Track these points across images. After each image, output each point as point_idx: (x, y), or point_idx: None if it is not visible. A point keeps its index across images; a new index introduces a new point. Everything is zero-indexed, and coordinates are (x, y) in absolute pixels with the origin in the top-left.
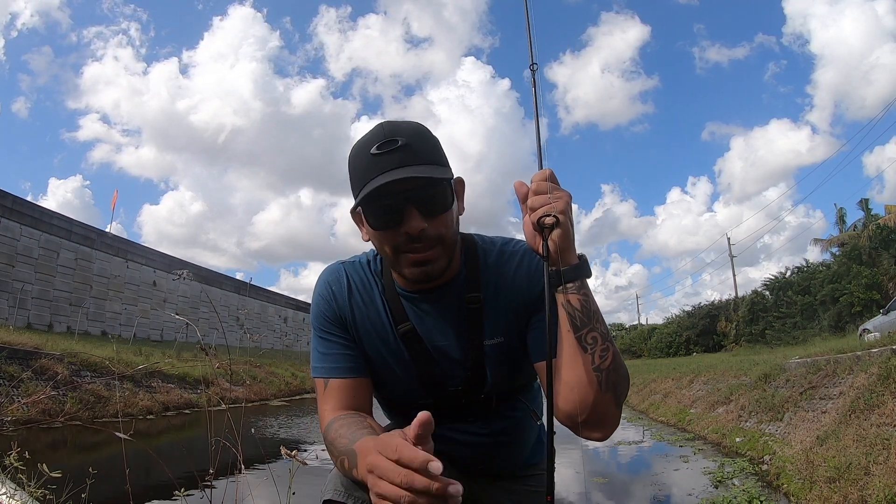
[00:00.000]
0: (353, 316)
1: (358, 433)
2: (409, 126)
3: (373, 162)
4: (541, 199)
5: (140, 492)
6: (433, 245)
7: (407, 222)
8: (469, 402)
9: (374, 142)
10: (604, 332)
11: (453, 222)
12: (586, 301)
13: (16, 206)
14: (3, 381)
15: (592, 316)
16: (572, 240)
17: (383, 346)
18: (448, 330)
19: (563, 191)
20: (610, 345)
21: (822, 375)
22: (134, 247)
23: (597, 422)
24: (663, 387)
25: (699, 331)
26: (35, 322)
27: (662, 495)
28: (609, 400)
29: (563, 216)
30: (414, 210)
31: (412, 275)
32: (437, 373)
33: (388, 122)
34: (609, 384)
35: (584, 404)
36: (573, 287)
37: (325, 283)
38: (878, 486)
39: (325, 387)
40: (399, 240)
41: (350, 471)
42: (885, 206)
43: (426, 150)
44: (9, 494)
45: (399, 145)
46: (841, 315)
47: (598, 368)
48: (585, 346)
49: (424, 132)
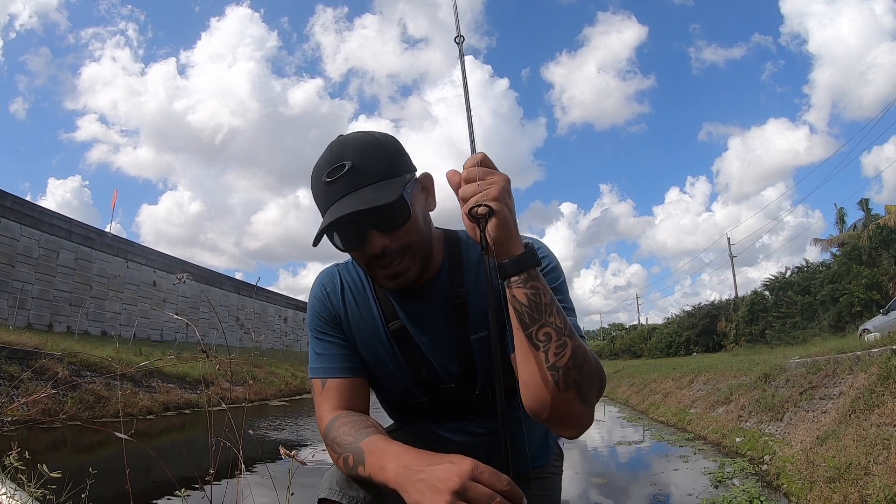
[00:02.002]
0: (346, 315)
1: (363, 432)
2: (357, 142)
3: (324, 191)
4: (472, 188)
5: (140, 492)
6: (401, 256)
7: (369, 244)
8: (465, 399)
9: (325, 168)
10: (559, 327)
11: (419, 228)
12: (535, 294)
13: (16, 206)
14: (3, 381)
15: (544, 310)
16: (513, 228)
17: (378, 344)
18: (436, 327)
19: (499, 174)
20: (568, 339)
21: (822, 375)
22: (134, 247)
23: (562, 420)
24: (663, 387)
25: (699, 331)
26: (35, 322)
27: (662, 495)
28: (571, 398)
29: (497, 203)
30: (373, 231)
31: (390, 287)
32: (428, 370)
33: (337, 142)
34: (569, 382)
35: (541, 403)
36: (518, 280)
37: (319, 284)
38: (878, 486)
39: (322, 387)
40: (368, 259)
41: (355, 468)
42: (885, 206)
43: (374, 168)
44: (9, 494)
45: (346, 170)
46: (841, 315)
47: (554, 367)
48: (537, 343)
49: (372, 145)
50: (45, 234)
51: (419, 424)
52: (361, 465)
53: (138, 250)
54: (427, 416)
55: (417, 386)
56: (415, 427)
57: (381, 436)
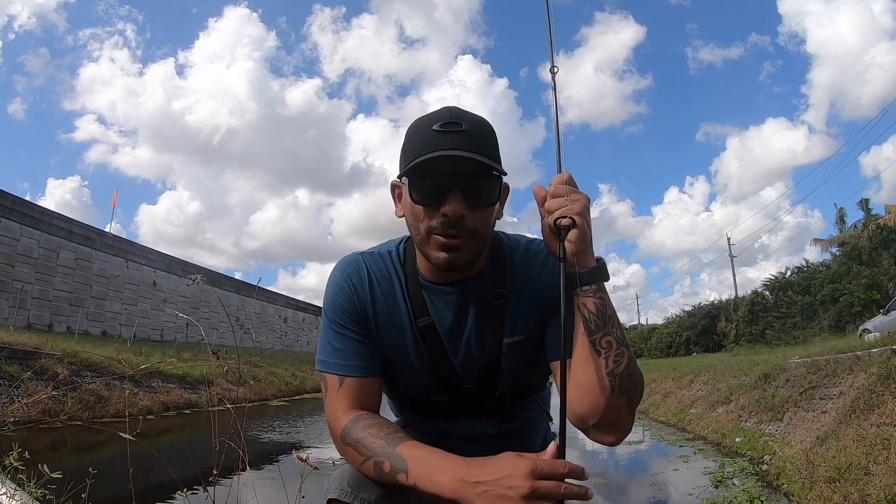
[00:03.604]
0: (373, 310)
1: (394, 437)
2: (475, 116)
3: (432, 137)
4: (558, 202)
5: (140, 492)
6: (466, 235)
7: (449, 204)
8: (483, 399)
9: (438, 120)
10: (619, 337)
11: (491, 220)
12: (602, 305)
13: (16, 206)
14: (4, 382)
15: (608, 320)
16: (589, 242)
17: (401, 340)
18: (468, 326)
19: (581, 194)
20: (625, 350)
21: (822, 375)
22: (134, 247)
23: (609, 426)
24: (663, 387)
25: (699, 331)
26: (35, 322)
27: (662, 495)
28: (621, 405)
29: (580, 218)
30: (459, 194)
31: (438, 259)
32: (451, 370)
33: (456, 107)
34: (622, 389)
35: (595, 408)
36: (589, 290)
37: (343, 274)
38: (878, 486)
39: (339, 384)
40: (435, 221)
41: (393, 475)
42: (886, 206)
43: (486, 143)
44: (9, 495)
45: (462, 129)
46: (841, 315)
47: (612, 373)
48: (599, 349)
49: (488, 126)
50: (45, 234)
51: (431, 421)
52: (403, 473)
53: (138, 250)
54: (442, 414)
55: (437, 384)
56: (425, 424)
57: (414, 441)
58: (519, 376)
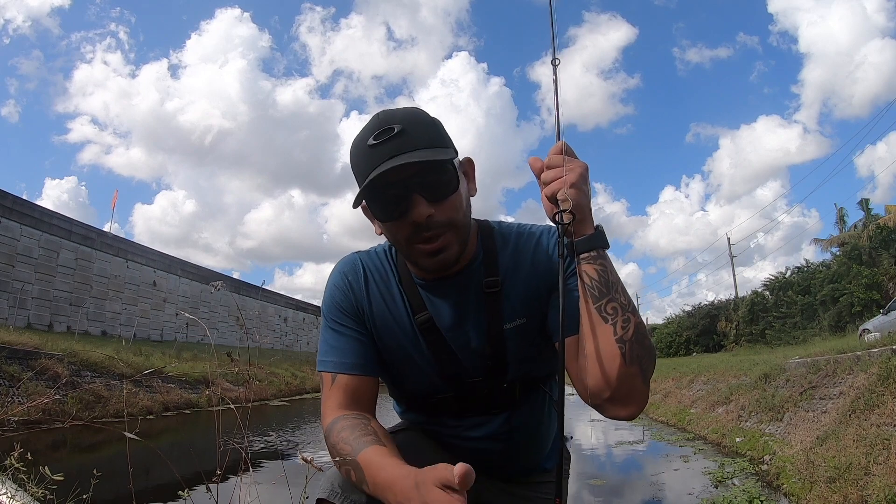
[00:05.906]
0: (370, 307)
1: (361, 441)
2: (405, 112)
3: (370, 153)
4: (554, 173)
5: (140, 492)
6: (444, 231)
7: (413, 210)
8: (491, 392)
9: (371, 132)
10: (624, 303)
11: (462, 204)
12: (604, 271)
13: (16, 206)
14: (4, 382)
15: (611, 286)
16: (588, 211)
17: (402, 337)
18: (466, 317)
19: (578, 161)
20: (632, 315)
21: (822, 375)
22: (134, 247)
23: (624, 397)
24: (663, 387)
25: (699, 331)
26: (35, 322)
27: (662, 495)
28: (634, 373)
29: (575, 187)
30: (419, 197)
31: (428, 265)
32: (455, 364)
33: (384, 111)
34: (633, 356)
35: (609, 377)
36: (588, 257)
37: (340, 273)
38: (878, 486)
39: (332, 382)
40: (409, 230)
41: (359, 484)
42: (886, 206)
43: (424, 134)
44: (10, 495)
45: (395, 133)
46: (841, 315)
47: (621, 339)
48: (606, 316)
49: (421, 115)
50: (45, 234)
51: (439, 420)
52: (364, 483)
53: (138, 250)
54: (450, 411)
55: (443, 380)
56: (432, 424)
57: (377, 447)
58: (526, 365)
